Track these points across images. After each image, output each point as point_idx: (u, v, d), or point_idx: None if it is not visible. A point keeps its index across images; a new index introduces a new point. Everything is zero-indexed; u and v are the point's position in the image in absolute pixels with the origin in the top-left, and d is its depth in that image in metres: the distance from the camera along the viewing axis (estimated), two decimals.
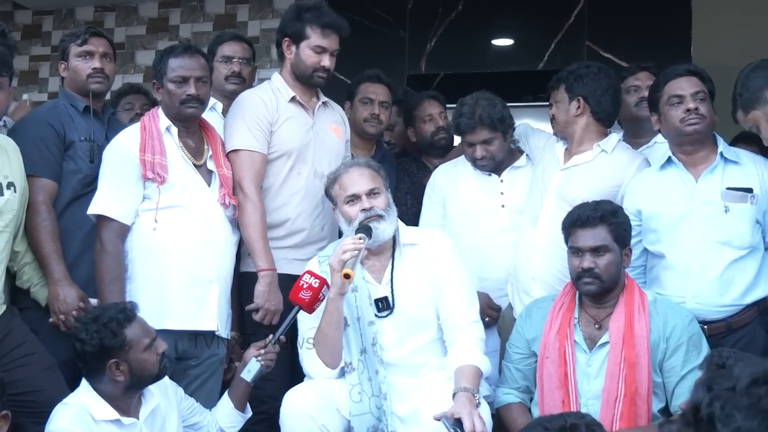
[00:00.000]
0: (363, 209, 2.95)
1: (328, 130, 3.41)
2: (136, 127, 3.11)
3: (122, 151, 3.04)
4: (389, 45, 5.59)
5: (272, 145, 3.27)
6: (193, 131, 3.16)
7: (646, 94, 3.56)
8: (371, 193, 2.98)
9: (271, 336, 2.93)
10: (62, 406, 2.59)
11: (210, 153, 3.16)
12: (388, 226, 2.96)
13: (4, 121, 3.27)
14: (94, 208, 3.03)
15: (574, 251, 2.84)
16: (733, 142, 4.20)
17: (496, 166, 3.50)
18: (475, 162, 3.48)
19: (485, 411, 2.78)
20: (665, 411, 2.83)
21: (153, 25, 6.10)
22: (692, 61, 5.15)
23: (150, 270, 3.02)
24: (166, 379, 2.79)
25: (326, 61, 3.28)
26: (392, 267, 3.02)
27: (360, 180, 3.00)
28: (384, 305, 2.99)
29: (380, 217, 2.95)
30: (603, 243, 2.81)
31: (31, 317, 3.07)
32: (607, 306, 2.86)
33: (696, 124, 2.98)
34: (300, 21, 3.29)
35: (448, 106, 4.18)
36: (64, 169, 3.16)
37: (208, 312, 3.06)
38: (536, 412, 2.88)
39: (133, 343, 2.62)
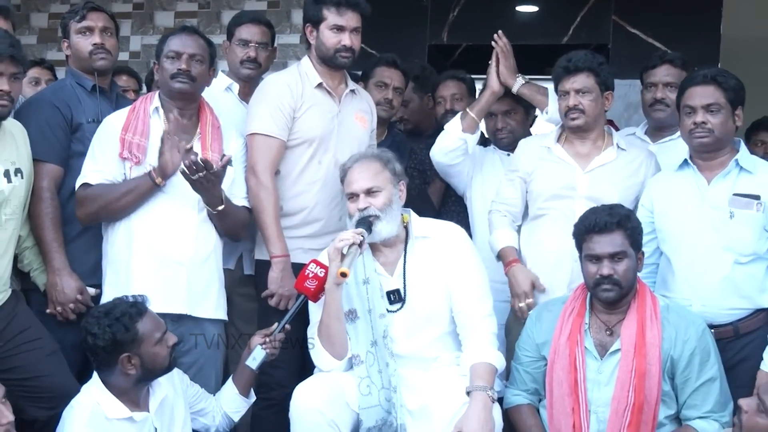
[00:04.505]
0: (358, 209, 2.95)
1: (354, 119, 3.37)
2: (128, 107, 3.13)
3: (107, 129, 3.07)
4: (411, 14, 5.47)
5: (294, 132, 3.24)
6: (190, 114, 3.12)
7: (659, 95, 3.50)
8: (369, 192, 2.97)
9: (276, 324, 2.97)
10: (75, 407, 2.62)
11: (199, 135, 3.12)
12: (384, 226, 2.95)
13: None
14: (77, 183, 3.04)
15: (591, 258, 2.81)
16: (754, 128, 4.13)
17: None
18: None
19: (496, 412, 2.81)
20: (675, 418, 2.83)
21: None
22: (722, 35, 5.05)
23: (122, 251, 3.03)
24: None
25: (346, 40, 3.23)
26: (404, 259, 3.02)
27: (360, 178, 2.98)
28: (396, 297, 2.99)
29: (376, 217, 2.94)
30: (621, 249, 2.79)
31: (39, 299, 3.09)
32: (619, 312, 2.84)
33: (702, 137, 2.95)
34: (317, 4, 3.26)
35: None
36: (73, 151, 3.15)
37: (177, 295, 3.02)
38: (545, 415, 2.89)
39: (145, 337, 2.65)
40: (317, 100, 3.28)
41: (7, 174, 2.85)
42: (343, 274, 2.75)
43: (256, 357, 2.94)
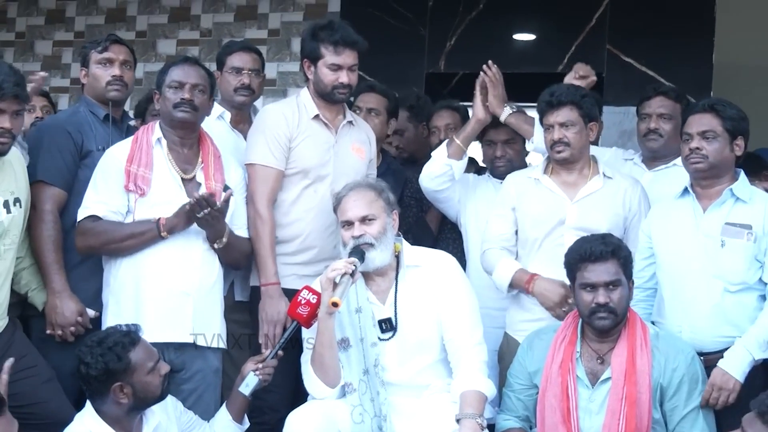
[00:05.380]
0: (353, 237, 2.98)
1: (350, 149, 3.40)
2: (131, 138, 3.16)
3: (111, 161, 3.10)
4: (409, 42, 5.53)
5: (290, 161, 3.28)
6: (191, 144, 3.17)
7: (653, 125, 3.55)
8: (364, 220, 2.99)
9: (269, 350, 2.99)
10: None
11: (202, 165, 3.16)
12: (378, 254, 2.97)
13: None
14: (81, 214, 3.06)
15: (586, 287, 2.83)
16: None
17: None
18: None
19: None
20: None
21: (175, 14, 6.08)
22: (714, 63, 5.09)
23: (127, 282, 3.05)
24: None
25: (344, 78, 3.28)
26: (396, 288, 3.04)
27: (355, 206, 3.01)
28: (387, 326, 3.00)
29: (370, 245, 2.96)
30: (616, 277, 2.81)
31: (41, 326, 3.11)
32: (610, 340, 2.86)
33: (696, 163, 2.98)
34: (315, 41, 3.30)
35: (466, 104, 4.16)
36: (80, 178, 3.18)
37: (183, 324, 3.05)
38: None
39: (138, 367, 2.66)
40: (313, 131, 3.32)
41: (6, 205, 2.88)
42: (335, 304, 2.78)
43: (248, 383, 2.96)
